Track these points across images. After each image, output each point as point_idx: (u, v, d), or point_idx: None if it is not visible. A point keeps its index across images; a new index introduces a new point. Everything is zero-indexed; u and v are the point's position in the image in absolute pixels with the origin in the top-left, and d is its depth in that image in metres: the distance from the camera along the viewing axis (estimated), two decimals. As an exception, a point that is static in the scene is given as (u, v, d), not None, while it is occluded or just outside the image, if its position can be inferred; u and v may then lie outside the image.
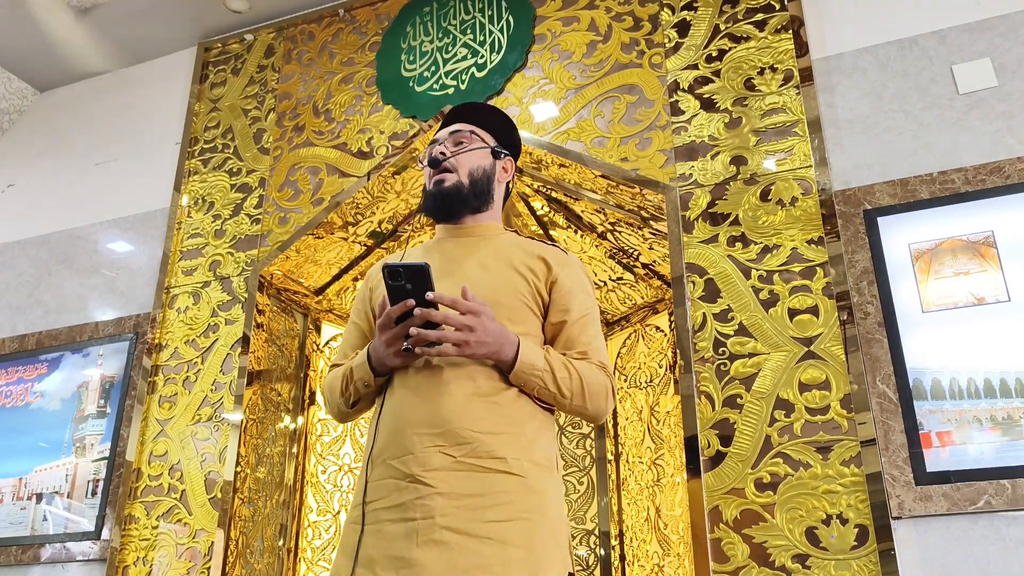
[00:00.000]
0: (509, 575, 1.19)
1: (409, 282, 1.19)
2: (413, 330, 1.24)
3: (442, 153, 1.50)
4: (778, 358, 1.98)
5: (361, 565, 1.23)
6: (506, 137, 1.60)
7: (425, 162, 1.52)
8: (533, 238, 1.53)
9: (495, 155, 1.55)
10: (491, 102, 2.59)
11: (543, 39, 2.61)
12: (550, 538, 1.26)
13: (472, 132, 1.54)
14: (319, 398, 2.88)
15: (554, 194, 2.63)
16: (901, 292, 1.96)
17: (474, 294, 1.29)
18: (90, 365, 2.86)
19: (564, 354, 1.39)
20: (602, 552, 2.61)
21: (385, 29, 2.90)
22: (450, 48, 2.76)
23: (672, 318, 2.13)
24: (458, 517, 1.21)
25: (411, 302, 1.22)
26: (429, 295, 1.21)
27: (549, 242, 1.52)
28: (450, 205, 1.49)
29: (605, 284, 2.77)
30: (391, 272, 1.19)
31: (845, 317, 1.95)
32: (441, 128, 1.58)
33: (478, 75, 2.65)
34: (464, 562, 1.18)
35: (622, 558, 2.56)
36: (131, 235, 3.05)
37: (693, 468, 1.95)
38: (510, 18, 2.68)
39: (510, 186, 1.63)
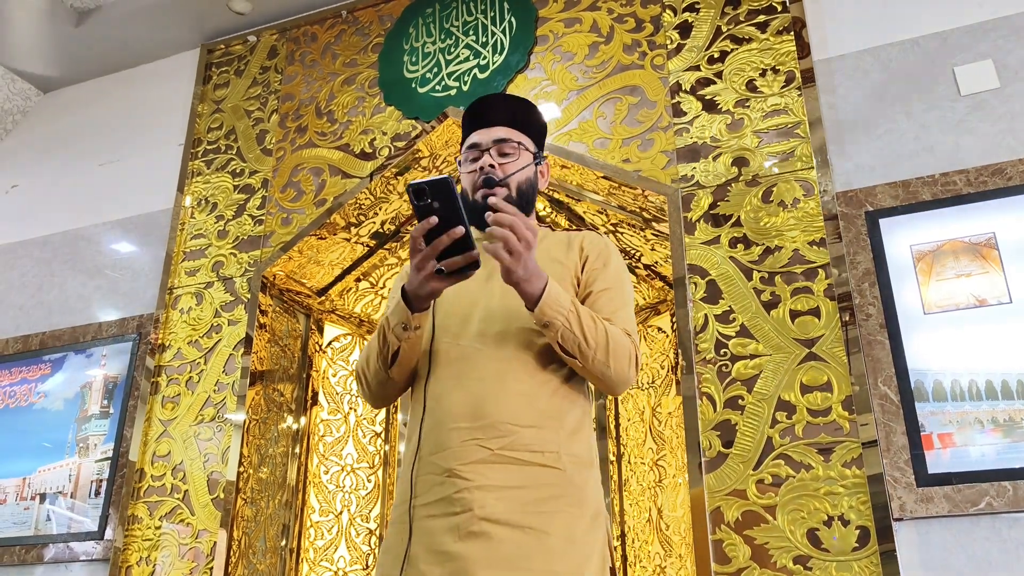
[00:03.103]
0: (551, 566, 1.18)
1: (435, 199, 1.13)
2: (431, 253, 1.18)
3: (491, 166, 1.44)
4: (780, 359, 1.98)
5: (409, 564, 1.22)
6: (538, 132, 1.55)
7: (470, 167, 1.46)
8: (568, 230, 1.49)
9: (535, 160, 1.51)
10: (493, 103, 2.60)
11: (545, 40, 2.62)
12: (590, 532, 1.25)
13: (519, 144, 1.48)
14: (322, 398, 2.89)
15: (556, 195, 2.63)
16: (903, 294, 1.96)
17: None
18: (93, 365, 2.87)
19: None
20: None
21: (388, 30, 2.91)
22: (452, 49, 2.76)
23: (674, 319, 2.13)
24: (497, 508, 1.20)
25: (434, 219, 1.15)
26: (492, 200, 1.17)
27: (584, 228, 1.50)
28: None
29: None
30: (416, 191, 1.13)
31: (847, 318, 1.95)
32: (473, 121, 1.51)
33: (480, 76, 2.66)
34: (505, 552, 1.17)
35: (624, 559, 2.56)
36: (134, 236, 3.06)
37: (695, 469, 1.96)
38: (512, 19, 2.68)
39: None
